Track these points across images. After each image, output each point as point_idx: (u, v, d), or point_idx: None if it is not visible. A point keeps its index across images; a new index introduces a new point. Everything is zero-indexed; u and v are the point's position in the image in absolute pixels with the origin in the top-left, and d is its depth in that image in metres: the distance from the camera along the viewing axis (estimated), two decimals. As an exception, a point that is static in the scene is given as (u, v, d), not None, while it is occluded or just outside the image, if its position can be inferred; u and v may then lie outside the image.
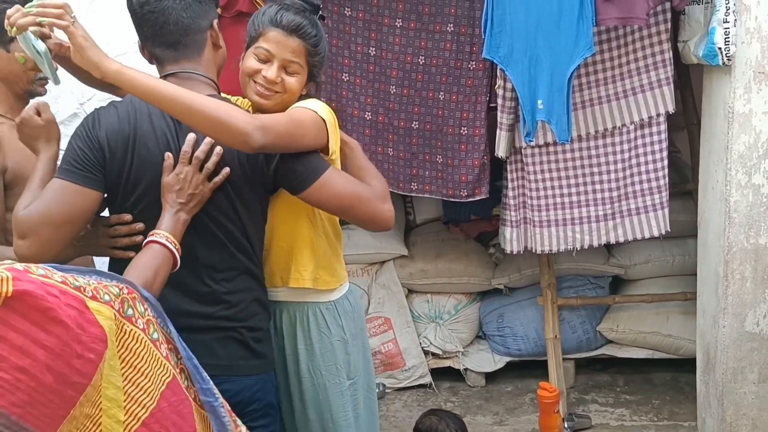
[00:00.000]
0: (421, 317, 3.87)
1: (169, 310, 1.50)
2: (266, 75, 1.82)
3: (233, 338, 1.78)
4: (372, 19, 3.09)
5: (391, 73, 3.14)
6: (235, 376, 1.75)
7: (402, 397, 3.79)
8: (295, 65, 1.84)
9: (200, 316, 1.74)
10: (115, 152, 1.71)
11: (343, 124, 3.23)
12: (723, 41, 2.57)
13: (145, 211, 1.75)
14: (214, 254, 1.76)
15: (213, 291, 1.76)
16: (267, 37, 1.84)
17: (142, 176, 1.73)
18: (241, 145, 1.65)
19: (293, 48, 1.83)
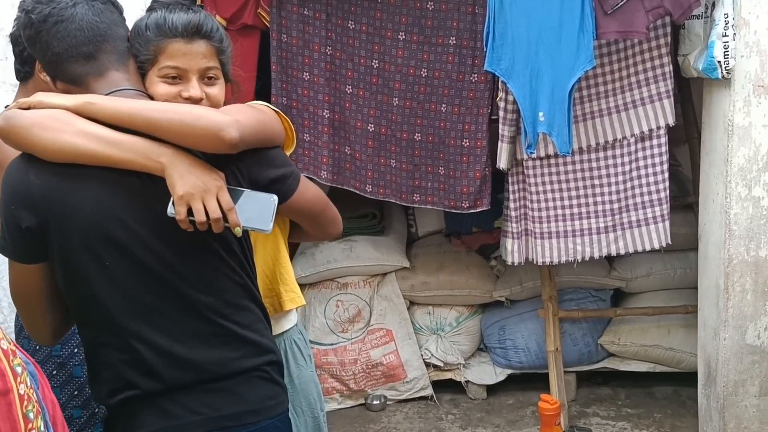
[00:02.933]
0: (422, 329, 3.87)
1: (186, 365, 1.42)
2: (190, 95, 1.49)
3: (260, 377, 1.52)
4: (375, 32, 3.13)
5: (394, 86, 3.17)
6: (267, 419, 1.51)
7: (403, 409, 3.79)
8: (212, 71, 1.53)
9: (218, 363, 1.48)
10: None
11: (346, 135, 3.27)
12: (722, 55, 2.60)
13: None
14: (216, 289, 1.50)
15: (227, 330, 1.49)
16: (167, 52, 1.49)
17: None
18: (216, 143, 1.39)
19: (203, 52, 1.51)
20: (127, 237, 1.40)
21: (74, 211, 1.38)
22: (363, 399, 3.79)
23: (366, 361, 3.76)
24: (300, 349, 1.88)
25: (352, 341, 3.77)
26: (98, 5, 1.48)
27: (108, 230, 1.39)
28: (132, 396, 1.43)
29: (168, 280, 1.42)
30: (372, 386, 3.80)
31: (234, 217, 1.39)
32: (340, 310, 3.78)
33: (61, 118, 1.38)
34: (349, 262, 3.77)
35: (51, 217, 1.38)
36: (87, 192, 1.39)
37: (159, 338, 1.42)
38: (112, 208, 1.39)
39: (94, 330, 1.45)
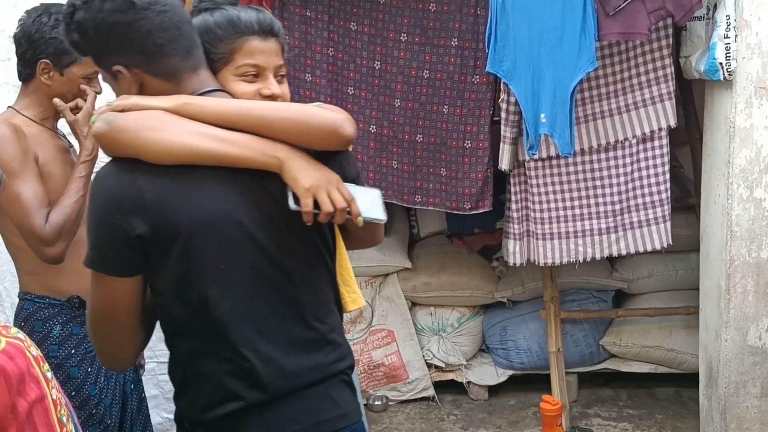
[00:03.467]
0: (424, 330, 3.88)
1: (287, 373, 1.37)
2: (271, 92, 1.48)
3: (343, 381, 1.49)
4: (377, 33, 3.14)
5: (396, 87, 3.18)
6: (353, 423, 1.48)
7: (405, 410, 3.79)
8: (282, 69, 1.53)
9: (313, 369, 1.43)
10: None
11: (348, 136, 3.27)
12: (724, 56, 2.60)
13: None
14: (316, 290, 1.46)
15: (320, 334, 1.44)
16: (245, 50, 1.47)
17: None
18: (334, 140, 1.38)
19: (276, 50, 1.51)
20: (241, 238, 1.35)
21: (190, 214, 1.31)
22: (365, 400, 3.79)
23: (368, 361, 3.77)
24: None
25: (353, 342, 3.77)
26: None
27: (224, 231, 1.34)
28: (236, 409, 1.36)
29: (275, 282, 1.38)
30: (374, 387, 3.80)
31: (356, 208, 1.36)
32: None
33: (167, 119, 1.32)
34: (352, 263, 3.73)
35: (164, 222, 1.30)
36: (202, 193, 1.33)
37: (263, 345, 1.37)
38: (227, 209, 1.34)
39: (197, 339, 1.37)
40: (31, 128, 2.19)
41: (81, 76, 2.20)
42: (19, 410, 1.06)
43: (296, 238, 1.39)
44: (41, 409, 1.10)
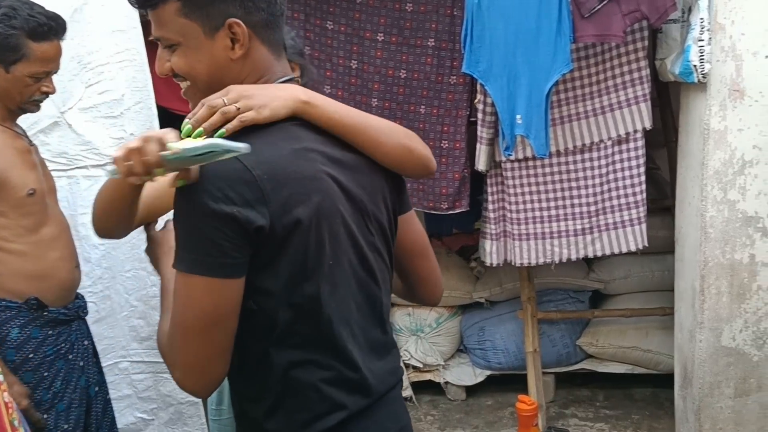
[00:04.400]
0: (402, 330, 3.87)
1: (376, 377, 1.28)
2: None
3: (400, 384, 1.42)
4: (354, 32, 3.13)
5: (373, 86, 3.17)
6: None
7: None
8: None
9: (391, 373, 1.36)
10: None
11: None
12: (698, 59, 2.61)
13: None
14: (388, 290, 1.37)
15: (390, 337, 1.38)
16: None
17: None
18: (424, 173, 1.38)
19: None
20: (343, 232, 1.24)
21: (308, 207, 1.18)
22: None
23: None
24: None
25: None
26: None
27: (332, 224, 1.22)
28: (341, 420, 1.24)
29: (364, 282, 1.28)
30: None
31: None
32: None
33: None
34: None
35: (283, 214, 1.15)
36: (318, 185, 1.21)
37: (356, 349, 1.26)
38: (336, 203, 1.23)
39: (297, 347, 1.22)
40: None
41: (27, 74, 2.12)
42: None
43: (379, 235, 1.31)
44: None
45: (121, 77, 2.82)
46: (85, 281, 2.63)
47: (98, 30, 2.78)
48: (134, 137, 2.73)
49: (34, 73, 2.13)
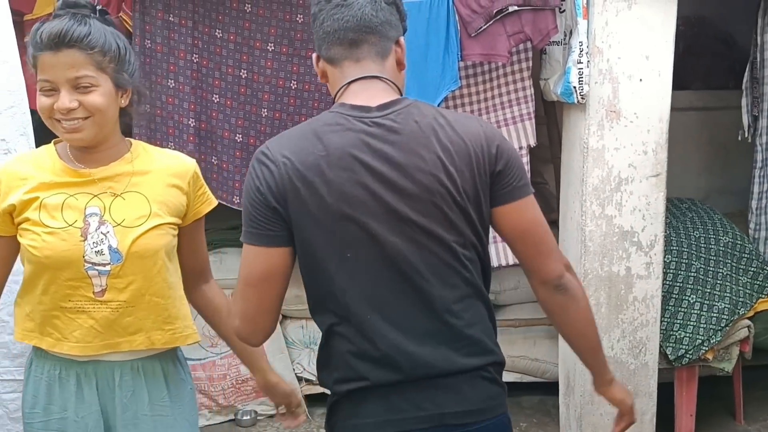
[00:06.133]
0: (294, 343, 3.83)
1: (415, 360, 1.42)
2: (58, 106, 1.55)
3: (482, 377, 1.48)
4: (244, 42, 3.08)
5: (262, 96, 3.13)
6: (488, 419, 1.49)
7: (275, 424, 3.72)
8: (84, 79, 1.56)
9: (444, 360, 1.46)
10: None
11: (213, 146, 3.19)
12: (578, 80, 2.71)
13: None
14: (448, 284, 1.47)
15: (453, 327, 1.46)
16: (40, 66, 1.57)
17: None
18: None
19: (70, 63, 1.55)
20: (368, 227, 1.41)
21: (331, 194, 1.40)
22: (233, 414, 3.71)
23: (236, 375, 3.68)
24: (181, 363, 1.84)
25: (221, 356, 3.67)
26: (381, 3, 1.50)
27: (355, 218, 1.41)
28: (361, 387, 1.43)
29: (404, 274, 1.42)
30: (242, 401, 3.72)
31: None
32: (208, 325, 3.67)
33: None
34: (219, 275, 3.55)
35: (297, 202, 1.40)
36: (349, 173, 1.40)
37: (390, 332, 1.42)
38: (365, 197, 1.41)
39: (329, 321, 1.45)
40: None
41: None
42: None
43: (426, 233, 1.43)
44: None
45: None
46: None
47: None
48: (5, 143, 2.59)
49: None
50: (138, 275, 1.64)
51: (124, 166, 1.67)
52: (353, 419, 1.46)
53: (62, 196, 1.63)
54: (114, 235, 1.62)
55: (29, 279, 1.67)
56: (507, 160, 1.48)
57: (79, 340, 1.65)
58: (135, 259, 1.63)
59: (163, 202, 1.68)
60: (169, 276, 1.70)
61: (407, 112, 1.45)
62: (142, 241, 1.63)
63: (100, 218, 1.62)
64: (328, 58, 1.51)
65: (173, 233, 1.71)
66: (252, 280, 1.43)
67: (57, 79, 1.54)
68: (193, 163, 1.78)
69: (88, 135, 1.60)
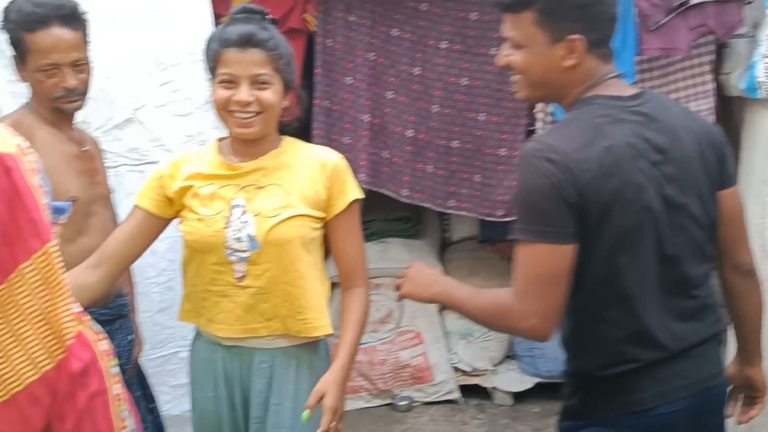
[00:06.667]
0: (452, 333, 3.89)
1: (675, 336, 1.50)
2: (238, 98, 1.70)
3: (719, 342, 1.62)
4: (419, 40, 3.18)
5: (434, 93, 3.21)
6: (725, 377, 1.66)
7: (429, 411, 3.81)
8: (263, 77, 1.71)
9: (695, 333, 1.56)
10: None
11: (385, 140, 3.32)
12: (764, 75, 2.58)
13: None
14: (700, 263, 1.56)
15: (700, 301, 1.56)
16: (224, 61, 1.71)
17: None
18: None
19: (253, 60, 1.70)
20: (649, 213, 1.46)
21: (611, 183, 1.42)
22: (390, 399, 3.82)
23: (394, 361, 3.79)
24: (320, 358, 1.87)
25: (381, 341, 3.80)
26: None
27: (639, 206, 1.45)
28: (632, 368, 1.50)
29: (668, 255, 1.48)
30: (399, 387, 3.83)
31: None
32: (371, 310, 3.75)
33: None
34: (382, 264, 3.79)
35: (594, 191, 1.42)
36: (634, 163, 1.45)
37: (657, 312, 1.49)
38: (649, 180, 1.46)
39: (602, 306, 1.49)
40: (41, 130, 2.06)
41: (35, 69, 2.02)
42: (78, 401, 1.08)
43: (691, 211, 1.49)
44: (101, 403, 1.12)
45: (193, 76, 2.92)
46: (150, 272, 2.74)
47: (173, 30, 2.89)
48: (202, 135, 2.82)
49: (39, 67, 2.01)
50: (273, 263, 1.74)
51: (271, 161, 1.79)
52: (622, 397, 1.51)
53: (213, 187, 1.78)
54: (253, 224, 1.73)
55: (185, 263, 1.84)
56: (728, 147, 1.57)
57: (223, 322, 1.78)
58: (270, 247, 1.73)
59: (302, 194, 1.76)
60: (302, 266, 1.76)
61: (656, 100, 1.52)
62: (277, 230, 1.73)
63: (243, 209, 1.75)
64: (603, 54, 1.49)
65: (312, 226, 1.78)
66: (553, 277, 1.41)
67: (239, 74, 1.69)
68: (336, 158, 1.82)
69: (256, 129, 1.73)
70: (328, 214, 1.79)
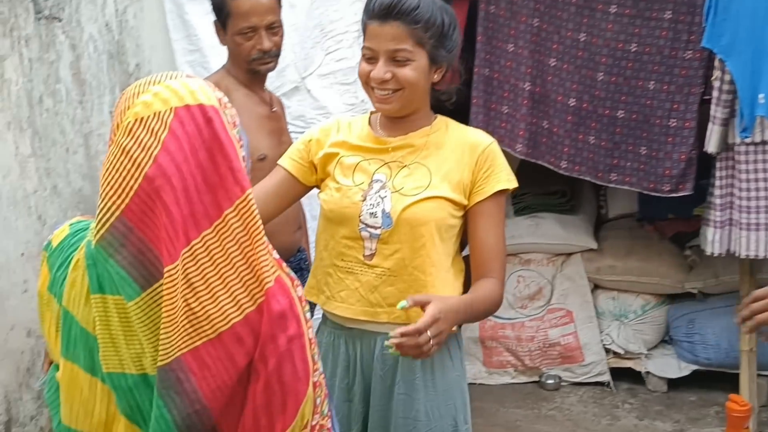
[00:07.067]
0: (604, 314, 3.78)
1: None
2: (374, 76, 1.64)
3: None
4: (585, 4, 3.06)
5: (600, 60, 3.09)
6: None
7: (578, 392, 3.73)
8: (401, 53, 1.63)
9: None
10: None
11: (546, 110, 3.24)
12: None
13: None
14: None
15: None
16: (367, 33, 1.66)
17: None
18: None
19: (392, 34, 1.61)
20: None
21: None
22: (537, 377, 3.78)
23: (543, 339, 3.74)
24: (449, 349, 1.76)
25: (530, 318, 3.76)
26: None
27: None
28: None
29: None
30: (547, 365, 3.77)
31: None
32: (521, 285, 3.77)
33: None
34: (534, 239, 3.75)
35: None
36: None
37: None
38: None
39: None
40: (237, 91, 2.21)
41: (235, 32, 2.18)
42: (278, 343, 1.14)
43: None
44: (299, 345, 1.16)
45: (358, 46, 2.97)
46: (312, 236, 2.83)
47: (341, 0, 2.96)
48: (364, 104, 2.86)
49: (239, 30, 2.18)
50: (404, 244, 1.65)
51: (419, 139, 1.73)
52: None
53: (358, 158, 1.74)
54: (389, 201, 1.67)
55: (318, 235, 1.79)
56: None
57: (344, 300, 1.70)
58: (403, 226, 1.65)
59: (445, 177, 1.68)
60: (434, 253, 1.67)
61: None
62: (413, 209, 1.65)
63: (383, 184, 1.69)
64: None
65: (451, 212, 1.69)
66: None
67: (378, 49, 1.63)
68: (488, 141, 1.74)
69: (395, 106, 1.67)
70: (470, 200, 1.70)
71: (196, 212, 1.09)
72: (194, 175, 1.09)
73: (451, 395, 1.73)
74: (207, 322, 1.11)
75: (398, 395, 1.70)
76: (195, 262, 1.10)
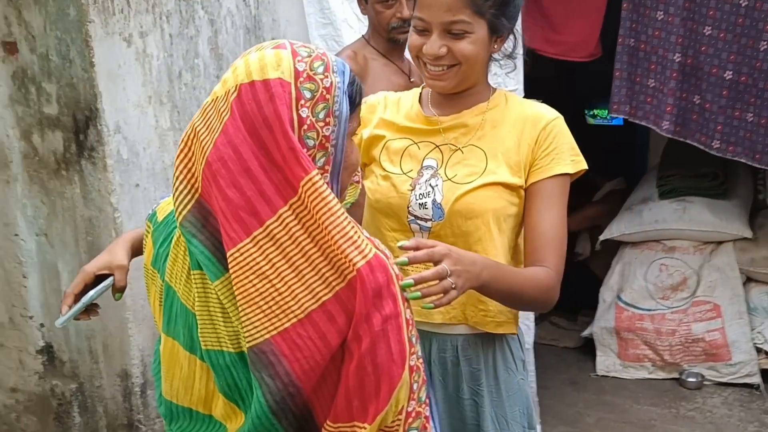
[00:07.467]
0: (757, 309, 3.49)
1: None
2: (426, 51, 1.46)
3: None
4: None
5: (763, 27, 2.79)
6: None
7: (722, 393, 3.45)
8: (458, 25, 1.43)
9: None
10: None
11: (697, 83, 2.98)
12: None
13: None
14: None
15: None
16: (419, 3, 1.47)
17: None
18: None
19: (448, 3, 1.42)
20: None
21: None
22: (677, 373, 3.54)
23: (686, 333, 3.50)
24: (512, 351, 1.62)
25: (672, 310, 3.53)
26: None
27: None
28: None
29: None
30: (689, 362, 3.53)
31: None
32: (663, 275, 3.56)
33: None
34: (680, 225, 3.53)
35: None
36: None
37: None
38: None
39: None
40: (375, 61, 2.28)
41: (374, 1, 2.25)
42: (373, 322, 1.09)
43: None
44: (395, 325, 1.11)
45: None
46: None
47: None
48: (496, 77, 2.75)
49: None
50: (458, 238, 1.48)
51: (474, 117, 1.54)
52: None
53: (406, 141, 1.56)
54: (441, 190, 1.50)
55: (364, 226, 1.58)
56: None
57: None
58: (457, 219, 1.49)
59: (503, 159, 1.50)
60: (491, 247, 1.50)
61: None
62: (467, 198, 1.49)
63: (434, 171, 1.52)
64: None
65: (510, 199, 1.51)
66: None
67: (431, 20, 1.44)
68: (552, 116, 1.53)
69: (450, 83, 1.50)
70: (527, 180, 1.51)
71: (265, 191, 1.08)
72: (257, 155, 1.08)
73: (516, 400, 1.60)
74: (294, 302, 1.09)
75: (465, 400, 1.58)
76: (274, 242, 1.08)
